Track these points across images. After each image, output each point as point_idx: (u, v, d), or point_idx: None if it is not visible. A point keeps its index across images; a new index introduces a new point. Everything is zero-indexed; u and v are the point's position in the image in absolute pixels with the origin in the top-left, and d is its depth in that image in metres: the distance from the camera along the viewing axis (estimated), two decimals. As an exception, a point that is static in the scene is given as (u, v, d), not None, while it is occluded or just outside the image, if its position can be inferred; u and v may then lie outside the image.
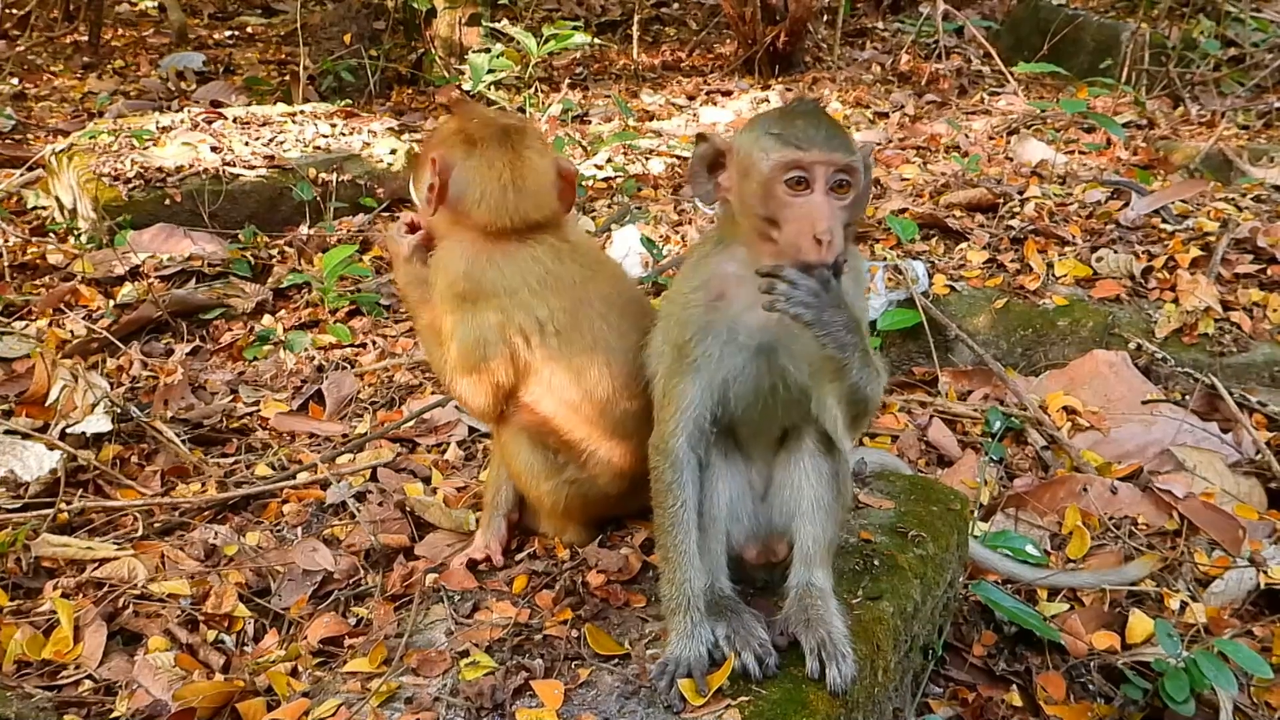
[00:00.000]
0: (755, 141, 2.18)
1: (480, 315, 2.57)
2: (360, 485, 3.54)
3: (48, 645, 2.78)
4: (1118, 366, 4.30)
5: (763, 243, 2.19)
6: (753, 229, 2.21)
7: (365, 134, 7.04)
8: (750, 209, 2.19)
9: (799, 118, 2.18)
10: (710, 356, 2.30)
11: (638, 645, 2.38)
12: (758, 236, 2.20)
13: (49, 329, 4.85)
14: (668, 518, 2.34)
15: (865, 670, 2.32)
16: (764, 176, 2.13)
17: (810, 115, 2.19)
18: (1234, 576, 3.32)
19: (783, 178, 2.10)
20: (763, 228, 2.17)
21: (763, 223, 2.16)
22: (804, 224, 2.08)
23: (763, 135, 2.16)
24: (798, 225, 2.09)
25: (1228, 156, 6.49)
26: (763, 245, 2.20)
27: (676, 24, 12.76)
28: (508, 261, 2.58)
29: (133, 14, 13.41)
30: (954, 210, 5.51)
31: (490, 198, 2.59)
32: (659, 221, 5.79)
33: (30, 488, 3.54)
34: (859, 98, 8.94)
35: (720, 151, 2.27)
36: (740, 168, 2.22)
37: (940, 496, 3.09)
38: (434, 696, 2.27)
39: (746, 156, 2.19)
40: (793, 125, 2.15)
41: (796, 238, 2.09)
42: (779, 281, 2.04)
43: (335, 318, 5.14)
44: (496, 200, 2.59)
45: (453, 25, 9.69)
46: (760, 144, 2.16)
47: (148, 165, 6.15)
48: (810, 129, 2.14)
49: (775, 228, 2.14)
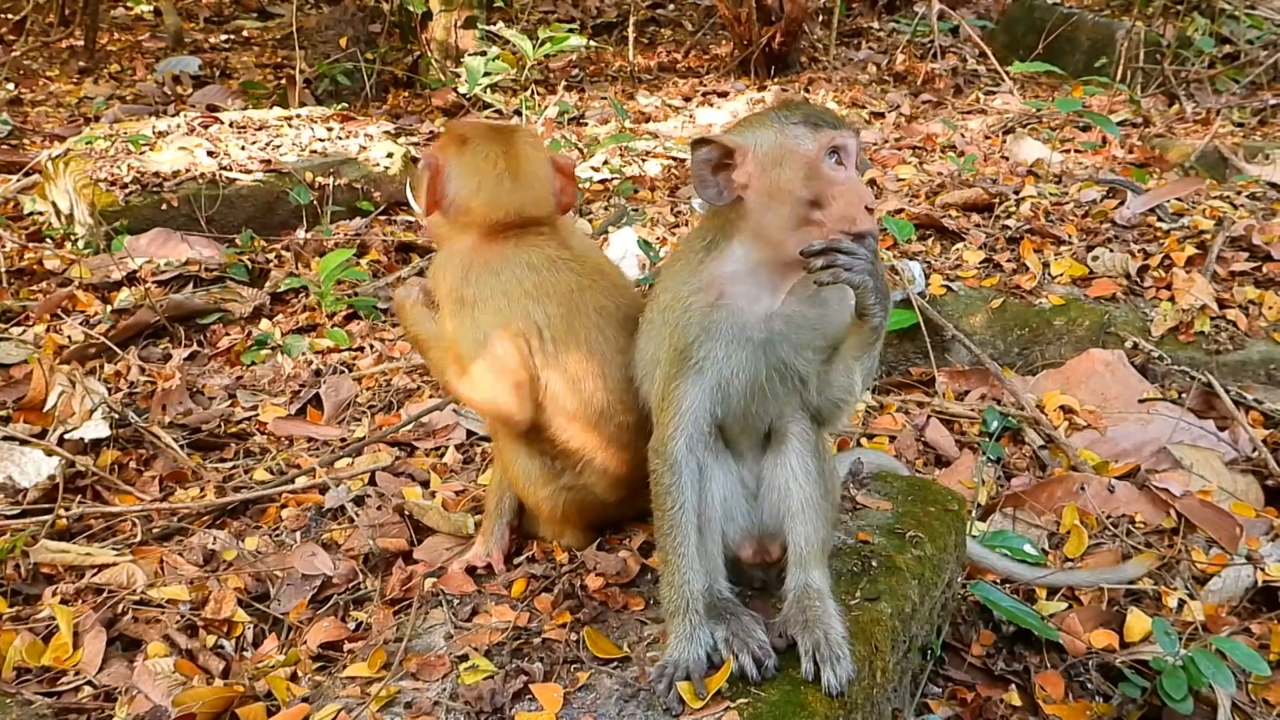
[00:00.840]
0: (785, 132, 2.27)
1: (481, 316, 2.57)
2: (359, 489, 3.54)
3: (47, 652, 2.78)
4: (1114, 365, 4.31)
5: (794, 227, 2.24)
6: (783, 216, 2.25)
7: (362, 137, 7.05)
8: (786, 196, 2.24)
9: (806, 106, 2.32)
10: (715, 357, 2.32)
11: (637, 648, 2.39)
12: (787, 222, 2.25)
13: (46, 334, 4.85)
14: (667, 520, 2.35)
15: (864, 671, 2.33)
16: (809, 159, 2.23)
17: (811, 105, 2.36)
18: (1231, 574, 3.33)
19: (827, 158, 2.22)
20: (802, 212, 2.23)
21: (804, 206, 2.23)
22: (853, 198, 2.21)
23: (790, 125, 2.27)
24: (847, 199, 2.21)
25: (1223, 154, 6.50)
26: (790, 231, 2.25)
27: (672, 25, 12.76)
28: (504, 265, 2.57)
29: (128, 18, 13.40)
30: (950, 210, 5.51)
31: (486, 188, 2.60)
32: (656, 223, 5.80)
33: (29, 494, 3.55)
34: (855, 98, 8.95)
35: (729, 150, 2.29)
36: (769, 159, 2.27)
37: (938, 497, 3.09)
38: (433, 701, 2.27)
39: (777, 147, 2.26)
40: (811, 112, 2.29)
41: (849, 209, 2.20)
42: (839, 254, 2.15)
43: (333, 321, 5.14)
44: (491, 190, 2.60)
45: (448, 28, 9.69)
46: (794, 133, 2.26)
47: (144, 170, 6.15)
48: (825, 113, 2.31)
49: (819, 208, 2.22)
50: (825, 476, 2.44)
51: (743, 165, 2.28)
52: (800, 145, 2.24)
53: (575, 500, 2.71)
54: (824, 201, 2.22)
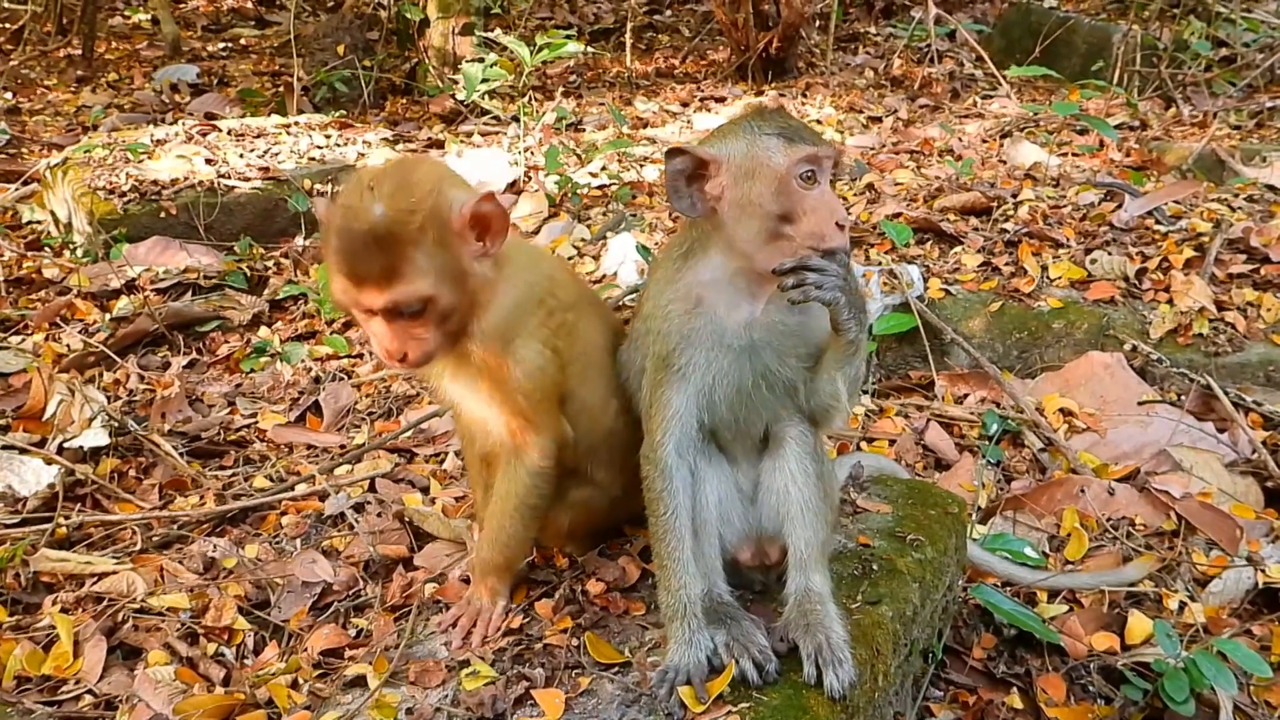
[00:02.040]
0: (757, 144, 2.23)
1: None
2: (359, 496, 3.55)
3: (47, 660, 2.78)
4: (1113, 368, 4.31)
5: (765, 241, 2.22)
6: (754, 229, 2.23)
7: (360, 144, 7.06)
8: (758, 210, 2.21)
9: (781, 118, 2.28)
10: (696, 364, 2.33)
11: (638, 653, 2.39)
12: (758, 235, 2.22)
13: (45, 343, 4.85)
14: (661, 525, 2.35)
15: (865, 675, 2.33)
16: (779, 174, 2.19)
17: (787, 115, 2.31)
18: (1232, 576, 3.32)
19: (798, 172, 2.18)
20: (772, 226, 2.20)
21: (774, 221, 2.20)
22: (824, 213, 2.18)
23: (762, 137, 2.23)
24: (817, 215, 2.18)
25: (1220, 157, 6.50)
26: (761, 244, 2.22)
27: (670, 31, 12.78)
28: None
29: (126, 27, 13.41)
30: (948, 214, 5.52)
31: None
32: (654, 229, 5.80)
33: (28, 502, 3.55)
34: (852, 103, 8.96)
35: (702, 161, 2.26)
36: (741, 172, 2.23)
37: (938, 500, 3.09)
38: (435, 707, 2.27)
39: (749, 160, 2.23)
40: (787, 124, 2.25)
41: (819, 226, 2.17)
42: (808, 272, 2.13)
43: (332, 328, 5.14)
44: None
45: (446, 35, 9.71)
46: (765, 145, 2.22)
47: (142, 178, 6.16)
48: (801, 126, 2.26)
49: (790, 223, 2.19)
50: (824, 479, 2.44)
51: (715, 177, 2.26)
52: (772, 159, 2.20)
53: (583, 514, 2.70)
54: (794, 217, 2.19)
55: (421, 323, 2.21)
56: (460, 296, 2.25)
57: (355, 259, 2.14)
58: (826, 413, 2.44)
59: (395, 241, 2.12)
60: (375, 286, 2.15)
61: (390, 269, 2.13)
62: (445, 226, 2.19)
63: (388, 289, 2.14)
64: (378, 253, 2.12)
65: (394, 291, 2.14)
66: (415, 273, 2.15)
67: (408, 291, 2.15)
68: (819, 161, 2.20)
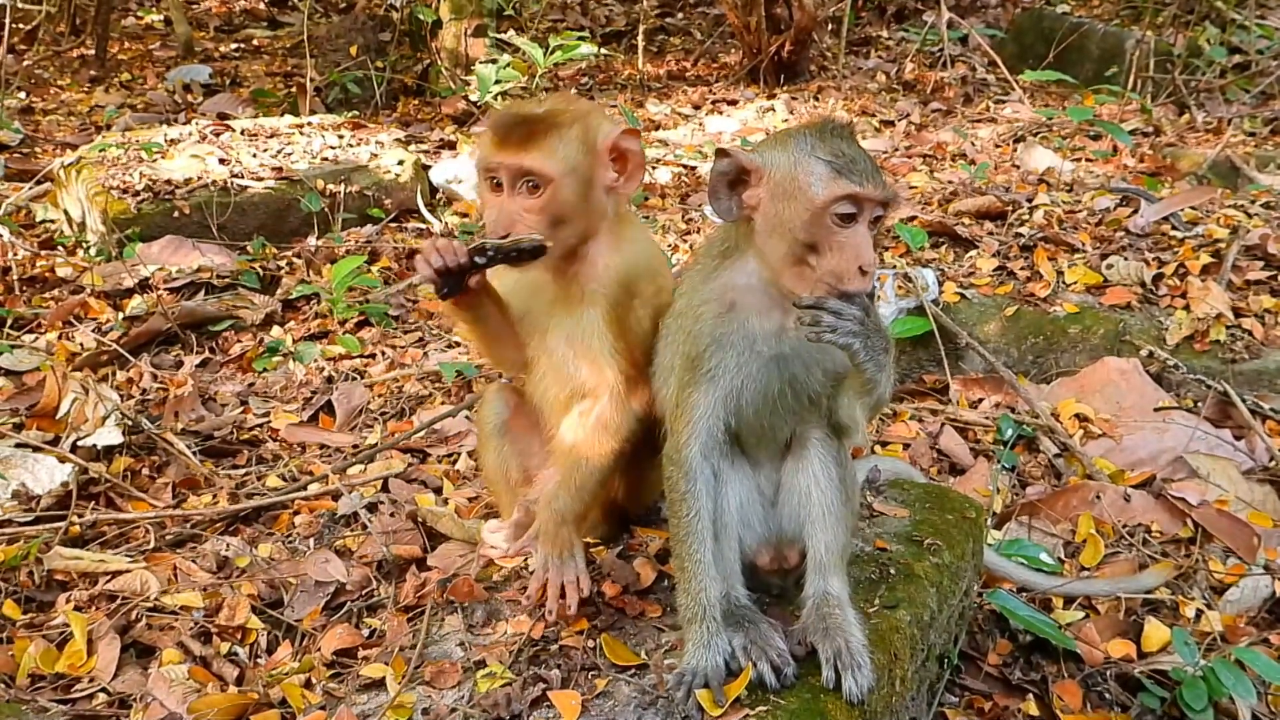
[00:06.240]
0: (801, 166, 2.15)
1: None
2: (371, 496, 3.54)
3: (61, 659, 2.77)
4: (1129, 374, 4.29)
5: (790, 264, 2.18)
6: (782, 250, 2.19)
7: (373, 145, 7.06)
8: (786, 232, 2.16)
9: (843, 144, 2.17)
10: (726, 367, 2.31)
11: (655, 655, 2.38)
12: (784, 257, 2.19)
13: (59, 342, 4.86)
14: (682, 527, 2.33)
15: (883, 680, 2.31)
16: (815, 206, 2.11)
17: (852, 143, 2.19)
18: (1249, 584, 3.30)
19: (835, 210, 2.10)
20: (798, 252, 2.16)
21: (800, 247, 2.15)
22: (849, 255, 2.10)
23: (811, 160, 2.14)
24: (843, 255, 2.11)
25: (1235, 163, 6.48)
26: (787, 265, 2.19)
27: (681, 34, 12.78)
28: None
29: (139, 27, 13.46)
30: (963, 218, 5.51)
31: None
32: (667, 230, 5.80)
33: (42, 501, 3.55)
34: (864, 106, 8.95)
35: (744, 169, 2.23)
36: (779, 190, 2.18)
37: (955, 504, 3.07)
38: (450, 707, 2.26)
39: (789, 180, 2.16)
40: (842, 154, 2.14)
41: (840, 267, 2.10)
42: (823, 314, 2.07)
43: (344, 328, 5.14)
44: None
45: (459, 36, 9.71)
46: (811, 170, 2.14)
47: (156, 178, 6.17)
48: (860, 159, 2.15)
49: (814, 254, 2.13)
50: (846, 483, 2.43)
51: (755, 186, 2.22)
52: (812, 187, 2.12)
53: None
54: (820, 250, 2.12)
55: (535, 205, 2.40)
56: (578, 205, 2.44)
57: (507, 125, 2.42)
58: (845, 429, 2.44)
59: (544, 122, 2.41)
60: (513, 148, 2.39)
61: (531, 137, 2.39)
62: (590, 141, 2.44)
63: (522, 153, 2.38)
64: (526, 125, 2.41)
65: (527, 157, 2.37)
66: (550, 152, 2.39)
67: (538, 161, 2.38)
68: (861, 203, 2.11)
